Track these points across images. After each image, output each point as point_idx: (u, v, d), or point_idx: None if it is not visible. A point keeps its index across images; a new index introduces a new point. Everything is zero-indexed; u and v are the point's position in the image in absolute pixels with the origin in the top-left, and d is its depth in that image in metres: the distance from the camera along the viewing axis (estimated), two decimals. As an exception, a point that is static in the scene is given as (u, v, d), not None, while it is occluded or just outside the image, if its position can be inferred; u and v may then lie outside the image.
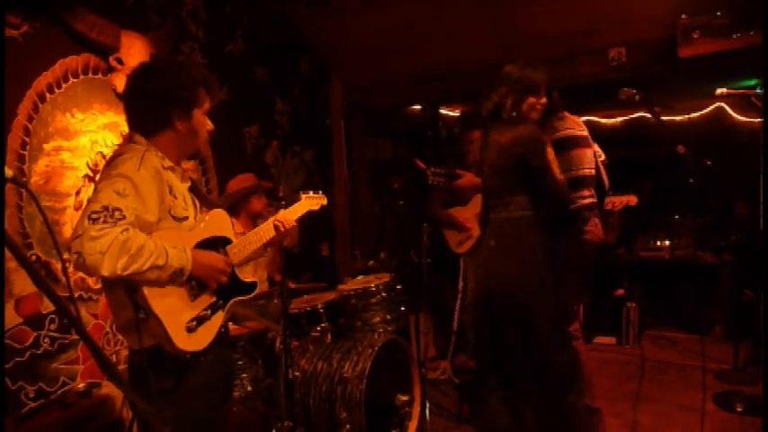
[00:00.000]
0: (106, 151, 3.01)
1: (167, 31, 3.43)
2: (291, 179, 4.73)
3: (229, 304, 1.83)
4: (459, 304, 4.14)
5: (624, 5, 3.77)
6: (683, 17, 3.56)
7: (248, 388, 2.79)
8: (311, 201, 2.36)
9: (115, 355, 3.00)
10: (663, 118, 4.43)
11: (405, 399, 2.99)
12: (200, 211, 1.88)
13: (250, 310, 3.06)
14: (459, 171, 2.90)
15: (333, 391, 2.77)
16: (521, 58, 2.67)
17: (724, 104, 5.81)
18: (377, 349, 2.85)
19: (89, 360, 2.84)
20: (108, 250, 1.43)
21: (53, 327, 2.71)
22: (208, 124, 1.83)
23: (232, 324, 2.85)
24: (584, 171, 2.88)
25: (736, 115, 5.83)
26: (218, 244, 1.82)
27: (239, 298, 1.87)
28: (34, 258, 2.68)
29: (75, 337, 2.78)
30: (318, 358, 2.95)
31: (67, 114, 2.86)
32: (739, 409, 3.39)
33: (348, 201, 5.32)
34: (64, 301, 0.89)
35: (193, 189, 1.88)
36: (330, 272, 4.94)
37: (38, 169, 2.71)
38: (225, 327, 1.89)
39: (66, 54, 2.86)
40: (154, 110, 1.71)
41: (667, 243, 5.91)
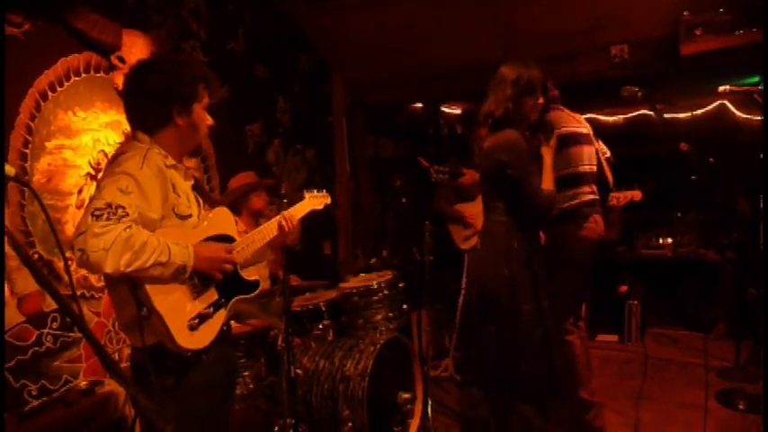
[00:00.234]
0: (108, 149, 3.01)
1: (169, 29, 3.43)
2: (293, 177, 4.72)
3: (232, 302, 1.83)
4: (462, 301, 4.14)
5: (626, 3, 3.75)
6: (685, 14, 3.55)
7: (250, 386, 2.79)
8: (315, 199, 2.36)
9: (117, 353, 3.00)
10: (665, 115, 4.42)
11: (407, 396, 3.00)
12: (203, 209, 1.88)
13: (252, 307, 3.06)
14: (462, 169, 2.91)
15: (335, 389, 2.78)
16: (520, 56, 2.64)
17: (726, 102, 5.78)
18: (379, 347, 2.86)
19: (91, 358, 2.85)
20: (111, 247, 1.43)
21: (55, 325, 2.71)
22: (208, 119, 1.83)
23: (234, 322, 2.86)
24: (583, 168, 2.87)
25: (738, 112, 5.80)
26: (221, 242, 1.81)
27: (242, 296, 1.87)
28: (36, 257, 2.68)
29: (77, 335, 2.79)
30: (320, 356, 2.95)
31: (69, 113, 2.86)
32: (741, 407, 3.39)
33: (350, 199, 5.31)
34: (66, 299, 0.89)
35: (196, 187, 1.88)
36: (332, 270, 4.94)
37: (40, 167, 2.71)
38: (227, 324, 1.89)
39: (68, 52, 2.86)
40: (154, 107, 1.71)
41: (670, 240, 5.92)
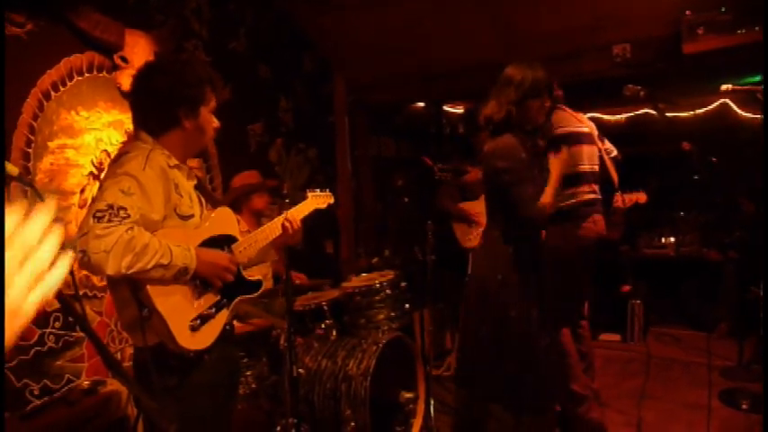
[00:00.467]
0: (111, 149, 3.01)
1: (171, 29, 3.43)
2: (296, 176, 4.73)
3: (234, 303, 1.83)
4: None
5: (627, 2, 3.74)
6: (687, 13, 3.54)
7: (253, 385, 2.79)
8: (318, 199, 2.35)
9: (120, 353, 3.01)
10: (667, 114, 4.41)
11: (409, 396, 3.00)
12: (206, 209, 1.88)
13: (255, 307, 3.06)
14: (466, 166, 2.91)
15: (337, 389, 2.78)
16: (522, 56, 2.63)
17: (729, 101, 5.77)
18: (381, 346, 2.86)
19: (94, 357, 2.85)
20: (112, 249, 1.43)
21: (58, 324, 2.72)
22: (214, 122, 1.83)
23: (237, 321, 2.86)
24: (583, 168, 2.87)
25: (740, 111, 5.79)
26: (223, 242, 1.81)
27: (244, 296, 1.87)
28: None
29: (79, 334, 2.80)
30: (323, 356, 2.95)
31: (72, 112, 2.86)
32: (744, 407, 3.39)
33: (352, 198, 5.31)
34: (69, 298, 0.89)
35: (199, 187, 1.88)
36: (334, 269, 4.94)
37: (42, 167, 2.72)
38: (230, 324, 1.89)
39: (71, 52, 2.87)
40: (161, 109, 1.71)
41: (672, 240, 5.91)
